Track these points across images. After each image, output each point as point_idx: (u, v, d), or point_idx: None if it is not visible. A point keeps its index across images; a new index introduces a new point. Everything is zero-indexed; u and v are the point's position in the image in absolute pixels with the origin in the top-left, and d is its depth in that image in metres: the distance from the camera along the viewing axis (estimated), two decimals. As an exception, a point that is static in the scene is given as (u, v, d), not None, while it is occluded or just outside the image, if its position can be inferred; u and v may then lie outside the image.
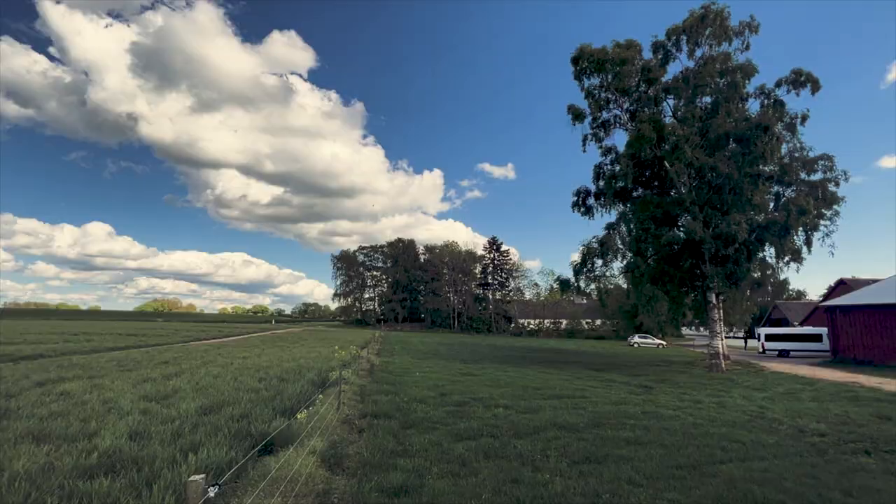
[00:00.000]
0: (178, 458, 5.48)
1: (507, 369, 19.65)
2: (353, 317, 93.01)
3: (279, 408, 8.17)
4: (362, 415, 9.01)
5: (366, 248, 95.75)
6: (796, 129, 23.20)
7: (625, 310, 60.34)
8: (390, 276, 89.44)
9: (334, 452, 6.34)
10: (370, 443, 7.11)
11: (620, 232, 24.44)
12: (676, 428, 8.74)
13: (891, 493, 5.54)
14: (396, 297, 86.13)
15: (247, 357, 19.07)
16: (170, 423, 6.98)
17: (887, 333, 25.60)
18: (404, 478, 5.67)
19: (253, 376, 12.29)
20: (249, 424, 6.90)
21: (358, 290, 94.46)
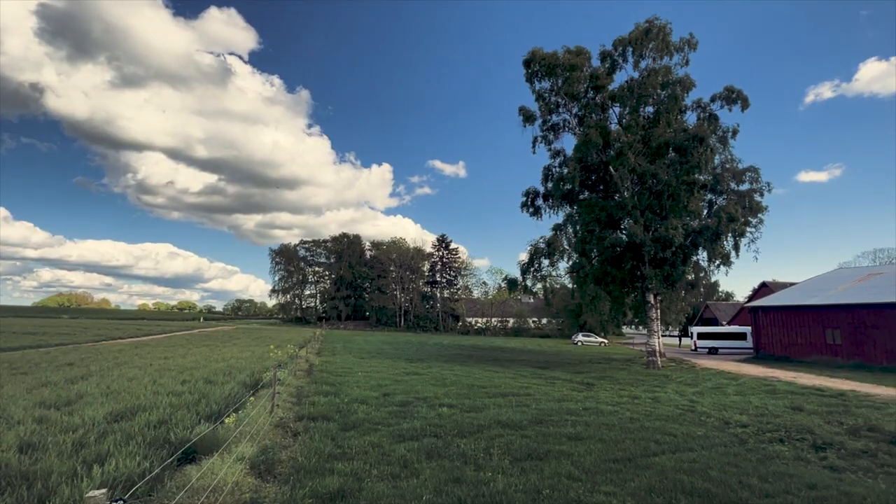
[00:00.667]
0: (79, 472, 4.86)
1: (453, 368, 19.62)
2: (293, 315, 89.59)
3: (204, 412, 7.53)
4: (298, 417, 8.54)
5: (308, 243, 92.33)
6: (728, 142, 24.99)
7: (570, 309, 62.54)
8: (334, 273, 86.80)
9: (265, 458, 5.90)
10: (306, 447, 6.71)
11: (567, 233, 25.17)
12: (615, 423, 8.99)
13: (800, 478, 5.93)
14: (340, 295, 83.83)
15: (169, 357, 17.67)
16: (71, 432, 6.20)
17: (801, 331, 28.16)
18: (341, 482, 5.39)
19: (175, 378, 11.33)
20: (168, 431, 6.29)
21: (298, 286, 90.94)
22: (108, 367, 14.05)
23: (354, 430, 7.91)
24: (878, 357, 23.67)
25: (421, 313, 77.47)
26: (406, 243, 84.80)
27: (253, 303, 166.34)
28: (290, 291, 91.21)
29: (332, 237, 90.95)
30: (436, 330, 74.10)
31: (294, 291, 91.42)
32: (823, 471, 6.33)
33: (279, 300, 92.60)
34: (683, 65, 23.59)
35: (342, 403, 10.00)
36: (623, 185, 23.18)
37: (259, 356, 17.69)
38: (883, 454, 7.16)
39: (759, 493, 5.38)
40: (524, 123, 25.47)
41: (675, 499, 5.17)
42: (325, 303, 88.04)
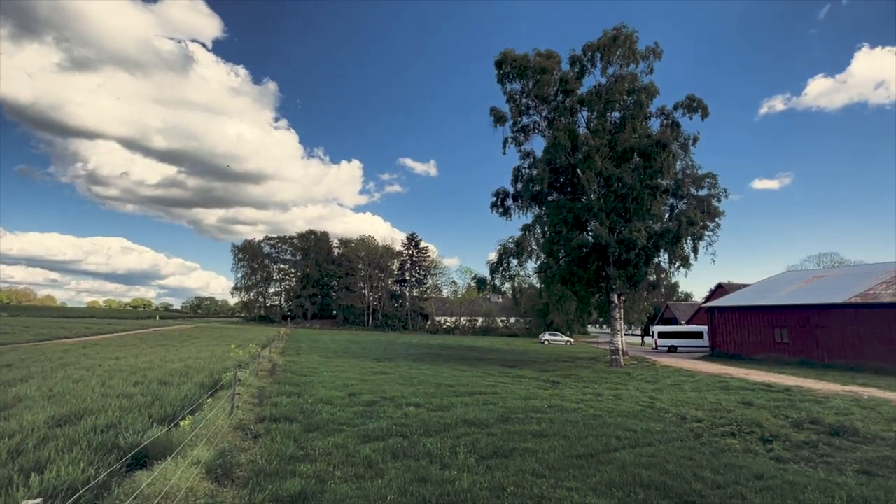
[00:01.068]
0: (15, 480, 4.53)
1: (420, 367, 19.56)
2: (256, 313, 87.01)
3: (158, 415, 7.19)
4: (259, 419, 8.28)
5: (273, 239, 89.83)
6: (689, 149, 25.97)
7: (537, 308, 63.54)
8: (300, 270, 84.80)
9: (222, 462, 5.68)
10: (267, 449, 6.51)
11: (535, 233, 25.55)
12: (578, 420, 9.18)
13: (749, 469, 6.23)
14: (306, 293, 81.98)
15: (120, 358, 16.75)
16: (7, 438, 5.77)
17: (753, 330, 29.66)
18: (303, 484, 5.27)
19: (127, 380, 10.75)
20: (118, 435, 5.95)
21: (262, 283, 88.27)
22: (52, 368, 13.17)
23: (318, 431, 7.75)
24: (820, 354, 25.22)
25: (389, 312, 76.90)
26: (375, 241, 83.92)
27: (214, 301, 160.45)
28: (254, 289, 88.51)
29: (298, 234, 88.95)
30: (404, 329, 73.75)
31: (258, 289, 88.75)
32: (770, 462, 6.67)
33: (242, 298, 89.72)
34: (648, 73, 24.39)
35: (306, 404, 9.78)
36: (590, 187, 23.74)
37: (219, 356, 17.06)
38: (823, 445, 7.62)
39: (711, 485, 5.61)
40: (495, 124, 25.69)
41: (633, 492, 5.31)
42: (290, 301, 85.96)
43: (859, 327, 23.96)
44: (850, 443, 7.81)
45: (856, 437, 8.19)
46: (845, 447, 7.52)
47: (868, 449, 7.37)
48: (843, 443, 7.80)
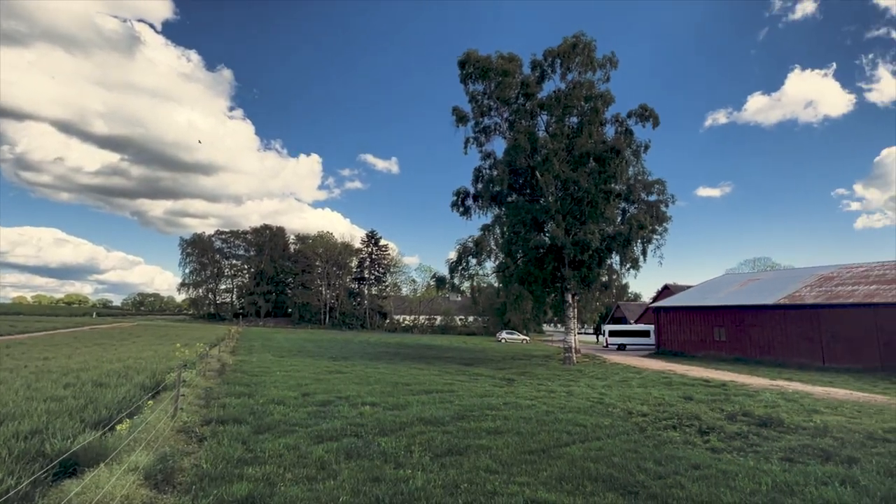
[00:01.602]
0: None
1: (378, 366, 19.38)
2: (205, 311, 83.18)
3: (92, 419, 6.69)
4: (205, 421, 7.91)
5: (225, 234, 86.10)
6: (640, 156, 27.08)
7: (495, 307, 64.48)
8: (253, 266, 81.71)
9: (163, 467, 5.38)
10: (212, 452, 6.23)
11: (494, 234, 25.92)
12: (531, 416, 9.40)
13: (688, 459, 6.61)
14: (260, 290, 79.12)
15: (50, 358, 15.55)
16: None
17: (694, 329, 31.49)
18: (251, 488, 5.09)
19: (57, 382, 9.94)
20: (44, 442, 5.50)
21: (212, 280, 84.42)
22: (-31, 370, 12.01)
23: (269, 433, 7.51)
24: (752, 351, 27.16)
25: (347, 310, 75.63)
26: (334, 238, 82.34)
27: (158, 297, 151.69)
28: (203, 285, 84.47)
29: (252, 228, 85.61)
30: (362, 327, 72.80)
31: (207, 285, 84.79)
32: (706, 452, 7.11)
33: (190, 295, 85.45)
34: (605, 81, 25.32)
35: (257, 405, 9.45)
36: (548, 190, 24.35)
37: (163, 355, 16.13)
38: (753, 435, 8.21)
39: (653, 475, 5.91)
40: (457, 124, 25.83)
41: (581, 485, 5.51)
42: (242, 298, 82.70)
43: (786, 326, 25.99)
44: (777, 433, 8.45)
45: (781, 427, 8.87)
46: (772, 437, 8.13)
47: (791, 438, 8.01)
48: (770, 433, 8.42)
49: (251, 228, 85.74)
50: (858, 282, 25.78)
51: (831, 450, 7.20)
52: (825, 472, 6.04)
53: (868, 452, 7.09)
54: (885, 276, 25.25)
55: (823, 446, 7.40)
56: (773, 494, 5.31)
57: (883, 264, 27.61)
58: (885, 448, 7.40)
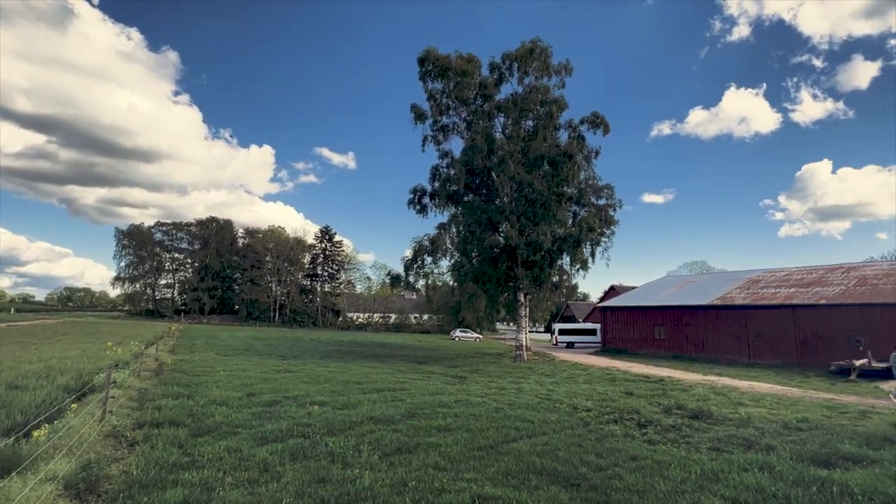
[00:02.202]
0: None
1: (329, 364, 18.98)
2: (143, 307, 77.97)
3: (3, 425, 6.09)
4: (138, 424, 7.43)
5: (167, 225, 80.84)
6: (591, 161, 28.15)
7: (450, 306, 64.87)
8: (198, 260, 77.26)
9: (86, 475, 4.99)
10: (144, 457, 5.86)
11: (451, 232, 26.06)
12: (482, 413, 9.53)
13: (626, 451, 6.95)
14: (204, 286, 75.02)
15: (-43, 359, 14.01)
16: None
17: (636, 328, 33.15)
18: (186, 494, 4.83)
19: (-33, 384, 9.02)
20: (-57, 450, 4.94)
21: (151, 274, 79.11)
22: None
23: (209, 435, 7.17)
24: (688, 349, 28.98)
25: (298, 307, 73.45)
26: (285, 233, 79.57)
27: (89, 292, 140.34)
28: (141, 280, 79.08)
29: (197, 220, 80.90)
30: (314, 325, 70.98)
31: (146, 280, 79.44)
32: (644, 444, 7.50)
33: (125, 290, 79.73)
34: (560, 87, 26.07)
35: (196, 406, 8.98)
36: (503, 190, 24.79)
37: (92, 355, 14.95)
38: (686, 427, 8.76)
39: (594, 468, 6.17)
40: (415, 121, 25.76)
41: (527, 479, 5.65)
42: (185, 294, 78.16)
43: (718, 325, 27.94)
44: (706, 425, 9.06)
45: (710, 419, 9.53)
46: (702, 428, 8.71)
47: (719, 429, 8.62)
48: (701, 425, 9.02)
49: (196, 220, 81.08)
50: (780, 285, 28.14)
51: (753, 439, 7.81)
52: (747, 460, 6.54)
53: (784, 440, 7.75)
54: (802, 280, 27.72)
55: (746, 436, 8.02)
56: (701, 482, 5.69)
57: (801, 269, 30.29)
58: (797, 436, 8.12)
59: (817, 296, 24.59)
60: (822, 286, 25.79)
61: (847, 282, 25.32)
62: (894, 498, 5.16)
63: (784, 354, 24.37)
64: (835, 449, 7.08)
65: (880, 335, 21.18)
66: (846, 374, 19.54)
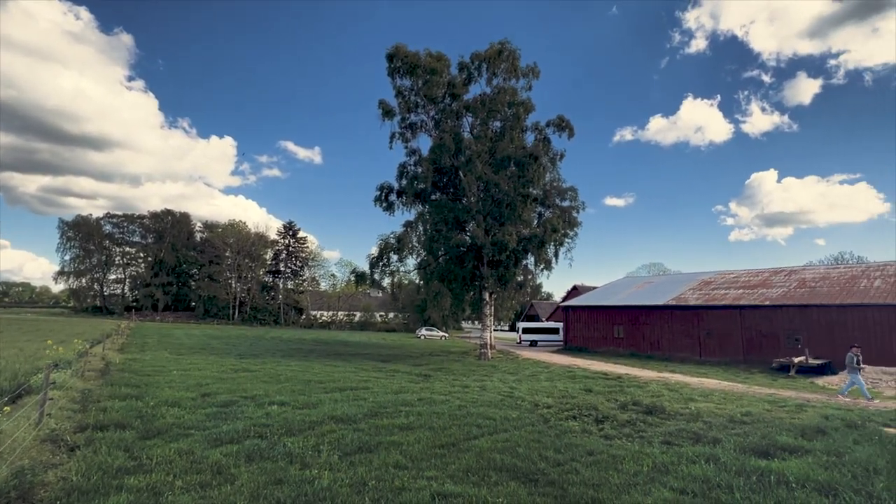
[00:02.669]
0: None
1: (290, 363, 18.54)
2: (89, 303, 73.37)
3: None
4: (80, 428, 7.01)
5: (117, 217, 76.20)
6: (556, 163, 28.76)
7: (416, 304, 64.73)
8: (151, 255, 73.34)
9: (18, 482, 4.66)
10: (86, 462, 5.53)
11: (417, 231, 25.98)
12: (444, 412, 9.56)
13: (584, 447, 7.15)
14: (158, 281, 71.37)
15: None
16: None
17: (597, 327, 34.17)
18: (131, 500, 4.63)
19: None
20: None
21: (99, 268, 74.43)
22: None
23: (159, 438, 6.85)
24: (645, 347, 30.15)
25: (260, 305, 71.26)
26: (247, 227, 76.91)
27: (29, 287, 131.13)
28: (88, 275, 74.41)
29: (151, 213, 76.80)
30: (276, 323, 69.11)
31: (93, 275, 74.81)
32: (600, 439, 7.75)
33: (70, 285, 74.85)
34: (528, 89, 26.49)
35: (146, 408, 8.56)
36: (470, 190, 24.95)
37: (30, 354, 13.96)
38: (640, 423, 9.10)
39: (552, 463, 6.31)
40: (383, 118, 25.50)
41: (487, 476, 5.72)
42: (136, 290, 74.23)
43: (673, 325, 29.20)
44: (659, 419, 9.45)
45: (663, 414, 9.95)
46: (655, 423, 9.08)
47: (671, 424, 9.01)
48: (654, 420, 9.40)
49: (150, 213, 76.94)
50: (730, 286, 29.72)
51: (701, 432, 8.21)
52: (695, 452, 6.87)
53: (729, 433, 8.19)
54: (749, 282, 29.39)
55: (695, 430, 8.42)
56: (653, 474, 5.93)
57: (748, 272, 32.11)
58: (741, 429, 8.60)
59: (762, 297, 26.12)
60: (766, 288, 27.42)
61: (789, 284, 27.05)
62: (824, 484, 5.56)
63: (732, 352, 25.76)
64: (774, 440, 7.55)
65: (817, 334, 22.75)
66: (786, 370, 20.88)
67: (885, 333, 20.40)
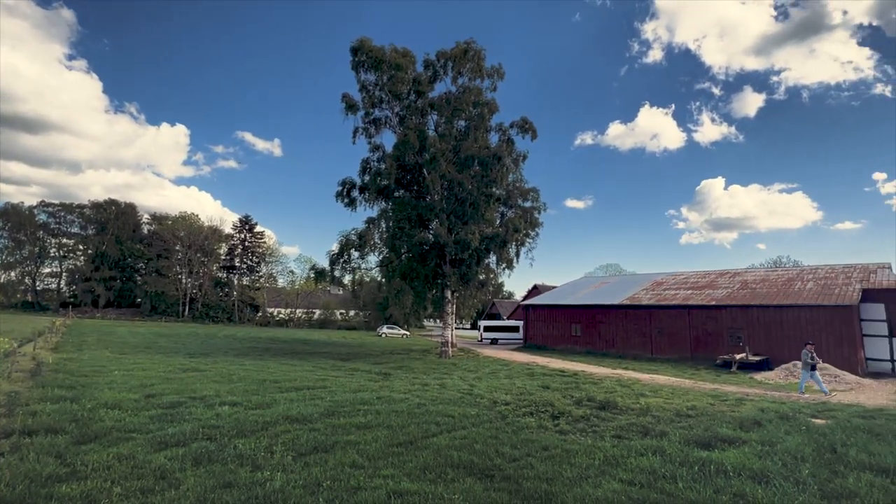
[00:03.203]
0: None
1: (244, 362, 17.90)
2: (19, 299, 67.93)
3: None
4: (4, 434, 6.45)
5: (53, 206, 70.59)
6: (519, 164, 29.24)
7: (377, 302, 64.08)
8: (92, 247, 68.50)
9: (-71, 494, 4.23)
10: (11, 470, 5.11)
11: (380, 228, 25.72)
12: (403, 410, 9.51)
13: (539, 442, 7.31)
14: (99, 275, 66.71)
15: None
16: None
17: (555, 325, 35.05)
18: (63, 509, 4.27)
19: None
20: None
21: (32, 261, 69.05)
22: None
23: (96, 442, 6.43)
24: (600, 345, 31.22)
25: (212, 302, 68.30)
26: (199, 220, 73.49)
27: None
28: (18, 267, 68.71)
29: (93, 202, 71.56)
30: (229, 321, 66.52)
31: (24, 268, 69.21)
32: (556, 435, 7.94)
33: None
34: (492, 90, 26.75)
35: (82, 411, 8.01)
36: (434, 188, 24.93)
37: (-51, 354, 12.78)
38: (594, 418, 9.41)
39: (508, 458, 6.41)
40: (347, 112, 25.06)
41: (444, 473, 5.73)
42: (74, 285, 69.30)
43: (627, 323, 30.39)
44: (612, 414, 9.81)
45: (616, 409, 10.33)
46: (608, 418, 9.41)
47: (622, 418, 9.36)
48: (607, 415, 9.74)
49: (91, 202, 71.68)
50: (680, 287, 31.27)
51: (650, 426, 8.58)
52: (643, 445, 7.17)
53: (675, 427, 8.61)
54: (697, 283, 31.03)
55: (645, 424, 8.79)
56: (604, 467, 6.14)
57: (697, 273, 33.90)
58: (686, 422, 9.06)
59: (708, 297, 27.64)
60: (712, 289, 29.04)
61: (732, 285, 28.76)
62: (758, 472, 5.94)
63: (680, 349, 27.11)
64: (715, 433, 8.00)
65: (756, 332, 24.32)
66: (729, 366, 22.20)
67: (816, 332, 22.08)
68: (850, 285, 23.77)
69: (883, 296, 22.89)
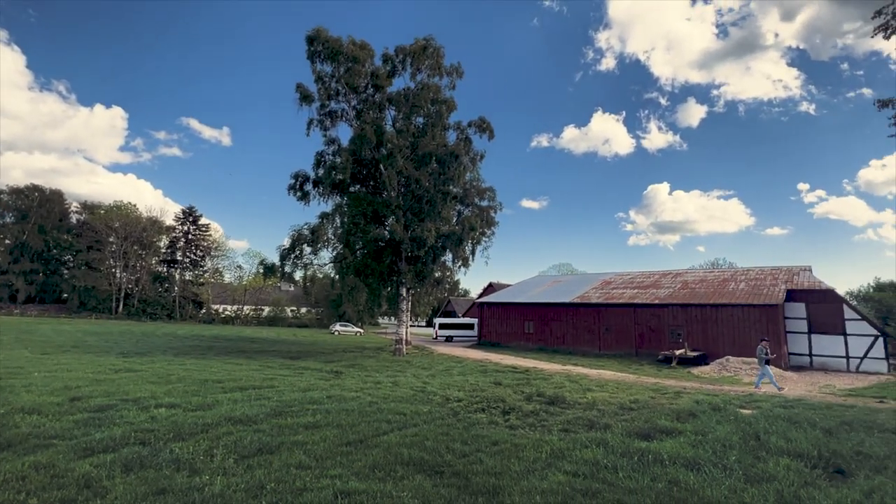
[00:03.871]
0: None
1: (184, 362, 16.95)
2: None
3: None
4: None
5: (-37, 191, 64.12)
6: (476, 163, 29.48)
7: (331, 299, 62.70)
8: (11, 237, 62.47)
9: None
10: None
11: (334, 223, 25.11)
12: (354, 408, 9.34)
13: (490, 437, 7.40)
14: (18, 268, 60.73)
15: None
16: None
17: (508, 322, 35.74)
18: (-35, 526, 3.84)
19: None
20: None
21: (-65, 251, 62.22)
22: None
23: (10, 451, 5.87)
24: (552, 341, 32.16)
25: (150, 298, 64.09)
26: (137, 210, 68.72)
27: None
28: (-79, 258, 61.49)
29: (12, 188, 64.99)
30: (170, 318, 62.75)
31: (-72, 259, 61.98)
32: (506, 430, 8.08)
33: None
34: (451, 88, 26.75)
35: (-6, 415, 7.26)
36: (391, 184, 24.64)
37: None
38: (543, 412, 9.66)
39: (458, 454, 6.44)
40: (301, 103, 24.26)
41: (393, 471, 5.67)
42: (-9, 278, 62.87)
43: (577, 321, 31.49)
44: (560, 409, 10.11)
45: (564, 404, 10.66)
46: (556, 413, 9.69)
47: (570, 413, 9.67)
48: (556, 410, 10.03)
49: (10, 188, 65.09)
50: (626, 286, 32.78)
51: (595, 419, 8.92)
52: (588, 438, 7.44)
53: (618, 419, 9.00)
54: (642, 283, 32.66)
55: (590, 417, 9.13)
56: (550, 460, 6.30)
57: (643, 273, 35.68)
58: (629, 415, 9.50)
59: (652, 296, 29.16)
60: (656, 288, 30.65)
61: (674, 285, 30.49)
62: (690, 460, 6.32)
63: (626, 346, 28.43)
64: (654, 424, 8.43)
65: (695, 329, 25.94)
66: (669, 362, 23.54)
67: (746, 329, 23.85)
68: (776, 286, 25.87)
69: (804, 296, 25.11)
